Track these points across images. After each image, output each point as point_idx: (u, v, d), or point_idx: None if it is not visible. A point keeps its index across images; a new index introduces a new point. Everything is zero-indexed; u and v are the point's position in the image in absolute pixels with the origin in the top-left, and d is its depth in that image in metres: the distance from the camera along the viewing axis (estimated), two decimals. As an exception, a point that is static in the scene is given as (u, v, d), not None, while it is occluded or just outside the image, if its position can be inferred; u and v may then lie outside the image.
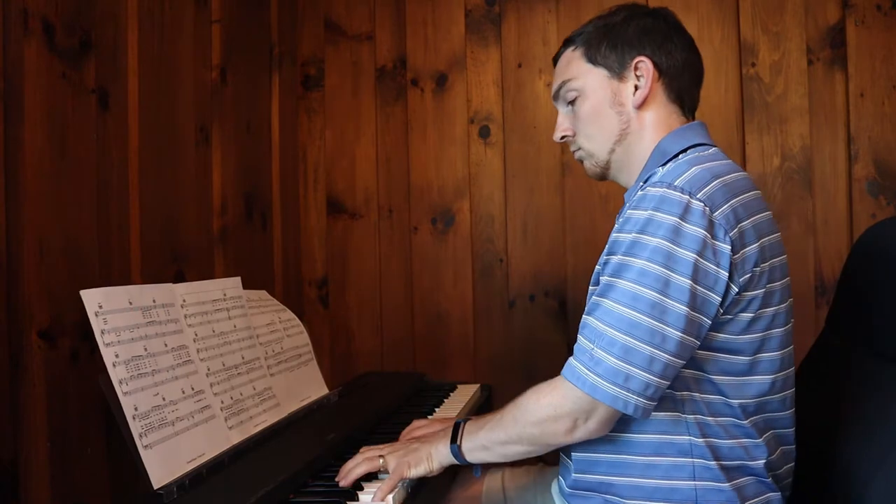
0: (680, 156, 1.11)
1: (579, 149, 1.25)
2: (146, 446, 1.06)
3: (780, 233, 1.13)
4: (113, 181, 1.36)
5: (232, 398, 1.30)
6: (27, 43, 1.15)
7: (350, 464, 1.17)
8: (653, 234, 1.00)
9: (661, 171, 1.09)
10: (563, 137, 1.26)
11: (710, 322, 1.01)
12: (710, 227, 0.99)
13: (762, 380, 1.07)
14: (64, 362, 1.20)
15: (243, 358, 1.38)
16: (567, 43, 1.25)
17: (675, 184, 1.01)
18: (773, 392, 1.09)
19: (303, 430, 1.40)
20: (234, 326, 1.39)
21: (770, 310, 1.06)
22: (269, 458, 1.22)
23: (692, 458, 1.06)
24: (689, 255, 0.98)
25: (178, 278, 1.54)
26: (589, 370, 1.00)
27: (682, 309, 0.98)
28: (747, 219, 1.04)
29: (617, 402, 0.99)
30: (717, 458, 1.06)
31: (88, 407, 1.23)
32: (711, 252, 0.99)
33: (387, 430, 1.43)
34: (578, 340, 1.05)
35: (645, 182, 1.10)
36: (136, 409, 1.07)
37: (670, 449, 1.07)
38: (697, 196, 1.00)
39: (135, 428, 1.05)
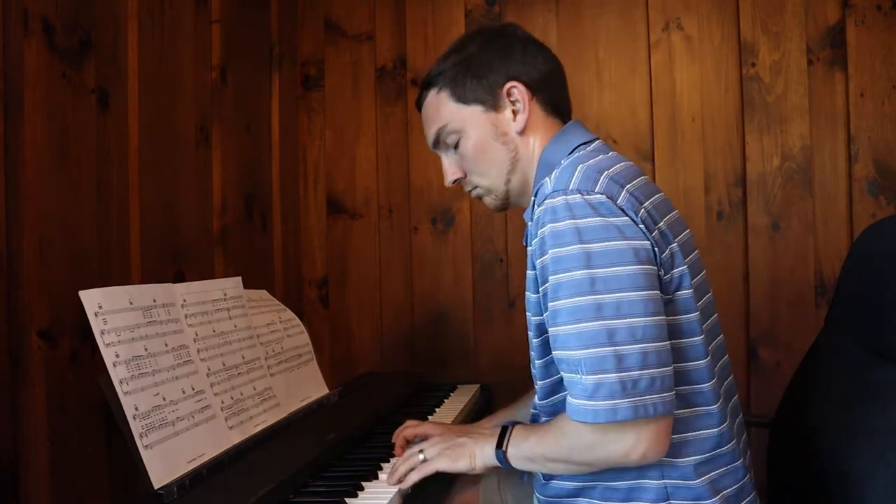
0: (563, 160, 1.10)
1: (475, 187, 1.23)
2: (146, 446, 1.06)
3: (676, 211, 1.13)
4: (113, 181, 1.36)
5: (232, 398, 1.30)
6: (27, 43, 1.15)
7: (402, 468, 1.16)
8: (578, 242, 0.96)
9: (549, 180, 1.06)
10: (455, 181, 1.24)
11: (662, 294, 0.99)
12: (621, 211, 0.98)
13: (699, 365, 1.06)
14: (64, 362, 1.20)
15: (243, 358, 1.38)
16: (427, 86, 1.22)
17: (570, 188, 1.00)
18: (706, 355, 1.07)
19: (303, 430, 1.40)
20: (235, 326, 1.39)
21: (689, 289, 1.05)
22: (269, 458, 1.23)
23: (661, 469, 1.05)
24: (623, 243, 0.96)
25: (178, 278, 1.54)
26: (591, 400, 0.95)
27: (644, 294, 0.95)
28: (646, 200, 1.04)
29: (639, 410, 0.94)
30: (683, 456, 1.04)
31: (88, 407, 1.23)
32: (635, 231, 0.98)
33: (387, 431, 1.43)
34: (564, 377, 1.00)
35: (536, 195, 1.07)
36: (136, 409, 1.07)
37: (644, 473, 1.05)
38: (595, 191, 0.99)
39: (135, 428, 1.05)
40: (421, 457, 1.16)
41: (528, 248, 1.10)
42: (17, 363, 1.12)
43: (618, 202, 0.99)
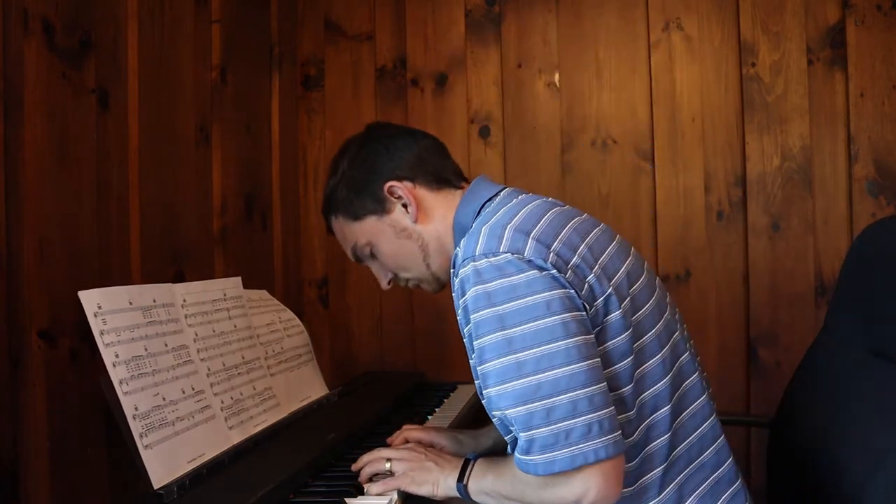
0: (474, 224, 1.12)
1: (408, 279, 1.28)
2: (146, 446, 1.06)
3: (602, 224, 1.14)
4: (113, 181, 1.36)
5: (232, 398, 1.30)
6: (27, 43, 1.15)
7: (365, 458, 1.20)
8: (489, 305, 0.98)
9: (459, 250, 1.07)
10: (390, 281, 1.30)
11: (593, 336, 1.00)
12: (528, 264, 0.99)
13: (652, 365, 1.06)
14: (64, 362, 1.20)
15: (243, 358, 1.38)
16: (326, 213, 1.29)
17: (477, 253, 1.01)
18: (667, 373, 1.08)
19: (303, 430, 1.40)
20: (235, 326, 1.39)
21: (626, 299, 1.06)
22: (269, 458, 1.23)
23: (630, 486, 1.05)
24: (533, 298, 0.97)
25: (178, 278, 1.54)
26: (529, 454, 0.96)
27: (565, 343, 0.95)
28: (554, 241, 1.03)
29: (577, 459, 0.94)
30: (649, 472, 1.05)
31: (88, 407, 1.23)
32: (549, 280, 0.98)
33: (387, 431, 1.43)
34: (506, 436, 1.03)
35: (454, 266, 1.08)
36: (136, 409, 1.07)
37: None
38: (501, 251, 1.00)
39: (135, 428, 1.05)
40: (387, 466, 1.17)
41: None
42: (17, 363, 1.12)
43: (525, 254, 1.00)
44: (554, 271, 0.99)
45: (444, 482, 1.13)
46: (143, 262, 1.43)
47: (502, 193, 1.18)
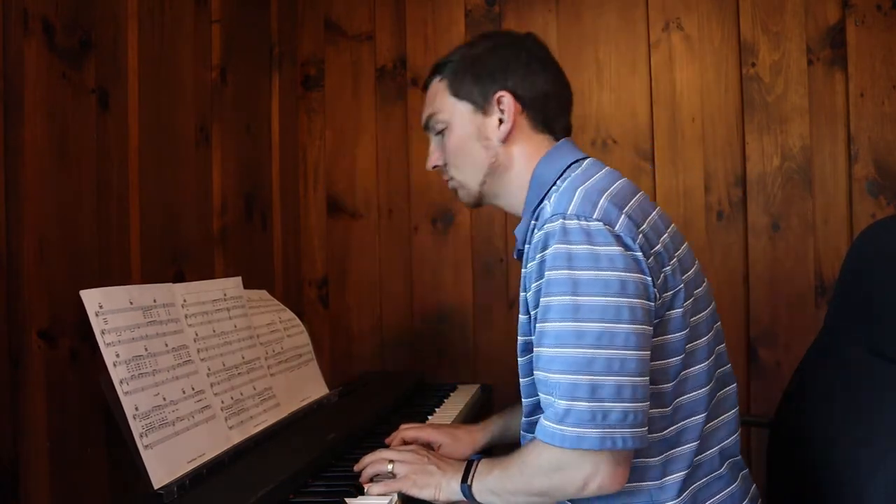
0: (559, 182, 1.12)
1: (451, 178, 1.26)
2: (146, 446, 1.06)
3: (674, 224, 1.14)
4: (113, 181, 1.36)
5: (232, 398, 1.30)
6: (27, 43, 1.15)
7: (367, 458, 1.19)
8: (568, 267, 0.98)
9: (548, 203, 1.08)
10: (434, 167, 1.28)
11: (651, 329, 1.00)
12: (618, 240, 0.99)
13: (699, 370, 1.07)
14: (64, 362, 1.20)
15: (243, 358, 1.38)
16: (435, 70, 1.26)
17: (569, 212, 1.01)
18: (709, 382, 1.09)
19: (303, 430, 1.40)
20: (235, 326, 1.39)
21: (689, 301, 1.07)
22: (269, 458, 1.23)
23: (648, 481, 1.05)
24: (612, 274, 0.97)
25: (178, 278, 1.54)
26: (561, 424, 0.97)
27: (627, 327, 0.96)
28: (644, 221, 1.05)
29: (606, 441, 0.95)
30: (673, 473, 1.05)
31: (88, 407, 1.23)
32: (631, 262, 0.99)
33: (387, 431, 1.43)
34: (540, 397, 1.02)
35: (537, 219, 1.09)
36: (136, 408, 1.07)
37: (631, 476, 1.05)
38: (594, 217, 1.00)
39: (135, 428, 1.05)
40: (389, 467, 1.17)
41: (523, 270, 1.11)
42: (17, 363, 1.12)
43: (615, 228, 1.00)
44: (639, 253, 0.99)
45: (446, 485, 1.13)
46: (143, 262, 1.43)
47: (588, 161, 1.16)
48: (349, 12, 2.28)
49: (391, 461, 1.17)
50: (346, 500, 1.11)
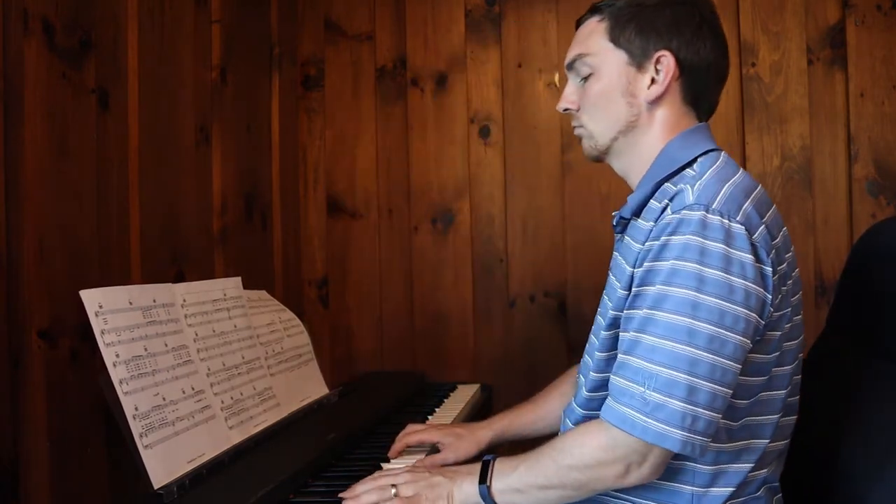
0: (695, 165, 1.06)
1: (581, 126, 1.18)
2: (146, 446, 1.06)
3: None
4: (113, 181, 1.36)
5: (232, 398, 1.30)
6: (27, 43, 1.15)
7: (360, 488, 1.09)
8: (699, 262, 0.94)
9: (688, 189, 1.01)
10: (566, 109, 1.19)
11: (750, 346, 0.97)
12: (754, 250, 0.96)
13: (776, 396, 1.05)
14: (64, 362, 1.20)
15: (243, 358, 1.38)
16: (595, 10, 1.17)
17: (713, 206, 0.96)
18: (784, 409, 1.08)
19: (303, 430, 1.40)
20: (235, 326, 1.39)
21: (788, 325, 1.04)
22: (269, 458, 1.23)
23: (693, 486, 1.03)
24: (740, 282, 0.94)
25: (178, 278, 1.54)
26: (647, 416, 0.93)
27: (737, 338, 0.94)
28: (778, 235, 1.02)
29: (686, 446, 0.93)
30: (721, 486, 1.03)
31: (88, 407, 1.23)
32: (759, 276, 0.96)
33: (387, 431, 1.43)
34: (618, 382, 0.98)
35: (664, 197, 1.03)
36: (136, 408, 1.07)
37: (670, 475, 1.04)
38: (737, 219, 0.96)
39: (135, 428, 1.05)
40: (392, 492, 1.07)
41: (630, 241, 1.07)
42: (17, 363, 1.12)
43: (753, 237, 0.96)
44: (769, 268, 0.96)
45: (459, 491, 1.06)
46: (143, 262, 1.43)
47: (724, 154, 1.09)
48: (349, 12, 2.28)
49: (393, 485, 1.08)
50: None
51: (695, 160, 1.07)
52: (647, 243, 1.02)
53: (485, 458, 1.09)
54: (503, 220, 2.19)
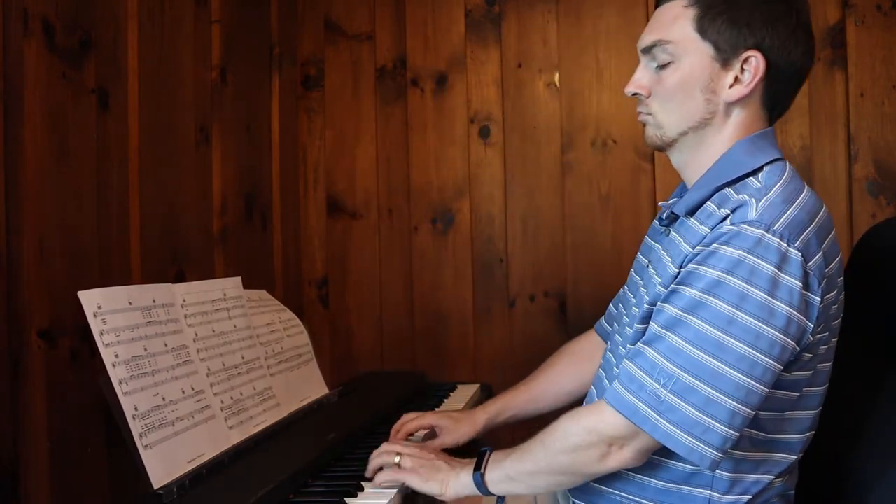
0: (760, 176, 1.03)
1: (650, 113, 1.11)
2: (146, 446, 1.06)
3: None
4: (113, 181, 1.36)
5: (232, 398, 1.30)
6: (27, 43, 1.15)
7: (374, 453, 1.17)
8: (746, 281, 0.92)
9: (752, 203, 0.97)
10: (634, 94, 1.12)
11: (782, 370, 0.96)
12: (805, 277, 0.94)
13: (805, 415, 1.05)
14: (64, 362, 1.20)
15: (243, 358, 1.38)
16: None
17: (775, 227, 0.94)
18: (812, 427, 1.07)
19: (303, 430, 1.40)
20: (235, 326, 1.39)
21: (825, 347, 1.03)
22: (269, 458, 1.22)
23: (710, 490, 1.03)
24: (784, 308, 0.92)
25: (178, 278, 1.54)
26: (659, 415, 0.94)
27: (769, 362, 0.92)
28: (833, 261, 1.00)
29: (693, 454, 0.93)
30: (738, 493, 1.03)
31: (88, 407, 1.23)
32: (804, 304, 0.94)
33: (387, 431, 1.43)
34: (631, 369, 0.98)
35: (735, 212, 0.99)
36: (136, 409, 1.07)
37: (688, 478, 1.04)
38: (795, 245, 0.94)
39: (135, 428, 1.05)
40: (396, 459, 1.14)
41: (679, 239, 1.05)
42: (17, 363, 1.12)
43: (808, 265, 0.94)
44: (817, 298, 0.95)
45: (455, 480, 1.10)
46: (143, 262, 1.43)
47: (789, 166, 1.06)
48: (349, 12, 2.28)
49: (399, 454, 1.15)
50: (346, 500, 1.10)
51: (760, 168, 1.04)
52: (697, 247, 1.00)
53: (482, 449, 1.12)
54: (503, 220, 2.19)
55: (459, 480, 1.10)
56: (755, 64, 1.03)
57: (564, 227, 2.17)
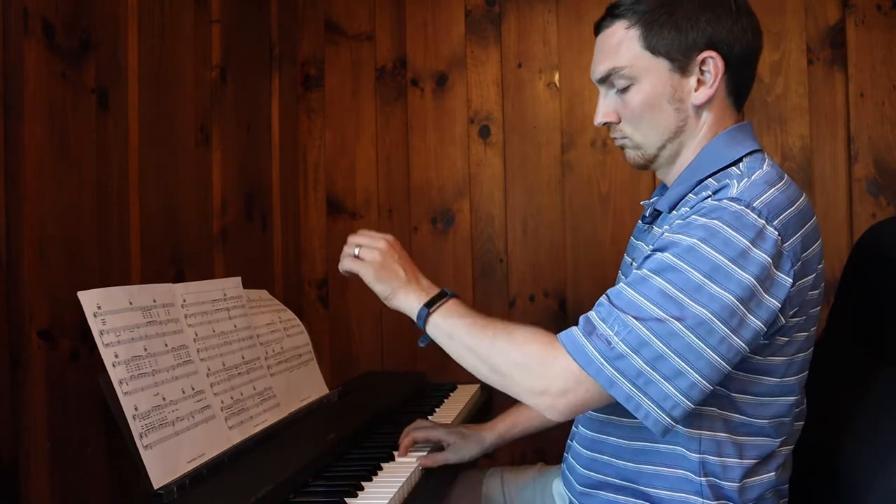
0: (740, 165, 1.03)
1: (624, 137, 1.12)
2: (146, 446, 1.06)
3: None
4: (113, 181, 1.36)
5: (232, 398, 1.30)
6: (27, 43, 1.15)
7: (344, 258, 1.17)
8: (717, 249, 0.92)
9: (734, 184, 0.98)
10: (605, 124, 1.13)
11: (748, 349, 0.95)
12: (778, 257, 0.94)
13: (783, 401, 1.05)
14: (64, 362, 1.20)
15: (243, 358, 1.38)
16: (617, 13, 1.08)
17: (754, 205, 0.94)
18: (795, 416, 1.08)
19: (303, 430, 1.40)
20: (235, 326, 1.39)
21: (804, 334, 1.03)
22: (269, 458, 1.22)
23: (703, 476, 1.03)
24: (749, 279, 0.92)
25: (178, 278, 1.54)
26: (605, 360, 0.93)
27: (727, 332, 0.92)
28: (811, 247, 1.00)
29: (630, 402, 0.93)
30: (727, 479, 1.03)
31: (88, 407, 1.23)
32: (770, 282, 0.93)
33: (387, 431, 1.43)
34: (589, 315, 0.98)
35: (717, 193, 0.99)
36: (136, 409, 1.07)
37: (682, 462, 1.04)
38: (773, 224, 0.94)
39: (135, 428, 1.05)
40: (355, 251, 1.13)
41: (654, 228, 1.07)
42: (17, 363, 1.12)
43: (784, 245, 0.94)
44: (788, 280, 0.94)
45: (404, 296, 1.10)
46: (143, 262, 1.43)
47: (768, 158, 1.06)
48: (349, 12, 2.28)
49: (359, 245, 1.13)
50: (346, 500, 1.11)
51: (740, 160, 1.05)
52: (672, 222, 1.00)
53: (444, 290, 1.11)
54: (503, 220, 2.19)
55: (407, 300, 1.10)
56: (713, 63, 1.05)
57: (564, 227, 2.17)
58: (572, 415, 1.00)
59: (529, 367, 1.00)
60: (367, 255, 1.12)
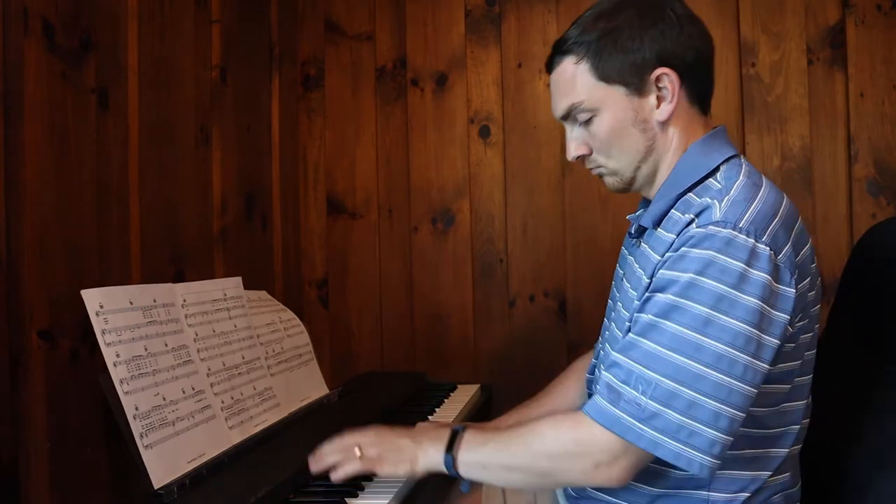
0: (718, 176, 1.04)
1: (599, 166, 1.14)
2: (147, 446, 1.06)
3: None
4: (113, 181, 1.36)
5: (232, 398, 1.30)
6: (27, 43, 1.15)
7: (325, 448, 1.11)
8: (716, 279, 0.92)
9: (716, 205, 0.98)
10: (578, 158, 1.14)
11: (769, 368, 0.95)
12: (776, 271, 0.94)
13: (797, 406, 1.05)
14: (64, 362, 1.20)
15: (243, 358, 1.38)
16: (564, 50, 1.10)
17: (740, 225, 0.94)
18: (804, 417, 1.07)
19: (303, 430, 1.40)
20: (235, 326, 1.39)
21: (808, 334, 1.03)
22: (269, 458, 1.23)
23: (708, 491, 1.03)
24: (755, 303, 0.92)
25: (178, 278, 1.54)
26: (642, 423, 0.92)
27: (748, 359, 0.91)
28: (802, 249, 1.00)
29: (680, 459, 0.91)
30: (735, 491, 1.03)
31: (88, 407, 1.23)
32: (775, 298, 0.94)
33: (387, 430, 1.43)
34: (608, 380, 0.97)
35: (700, 216, 0.99)
36: (136, 408, 1.07)
37: (688, 483, 1.03)
38: (762, 240, 0.94)
39: (135, 428, 1.05)
40: (357, 453, 1.09)
41: (649, 251, 1.06)
42: (17, 363, 1.12)
43: (778, 258, 0.94)
44: (791, 290, 0.95)
45: (424, 457, 1.06)
46: (143, 261, 1.43)
47: (745, 163, 1.06)
48: (349, 12, 2.28)
49: (358, 446, 1.09)
50: (346, 500, 1.11)
51: (717, 168, 1.05)
52: (666, 254, 1.00)
53: (454, 428, 1.09)
54: (503, 220, 2.19)
55: (429, 457, 1.06)
56: (668, 79, 1.05)
57: (564, 227, 2.17)
58: (634, 476, 0.98)
59: (572, 453, 0.98)
60: (371, 452, 1.09)
